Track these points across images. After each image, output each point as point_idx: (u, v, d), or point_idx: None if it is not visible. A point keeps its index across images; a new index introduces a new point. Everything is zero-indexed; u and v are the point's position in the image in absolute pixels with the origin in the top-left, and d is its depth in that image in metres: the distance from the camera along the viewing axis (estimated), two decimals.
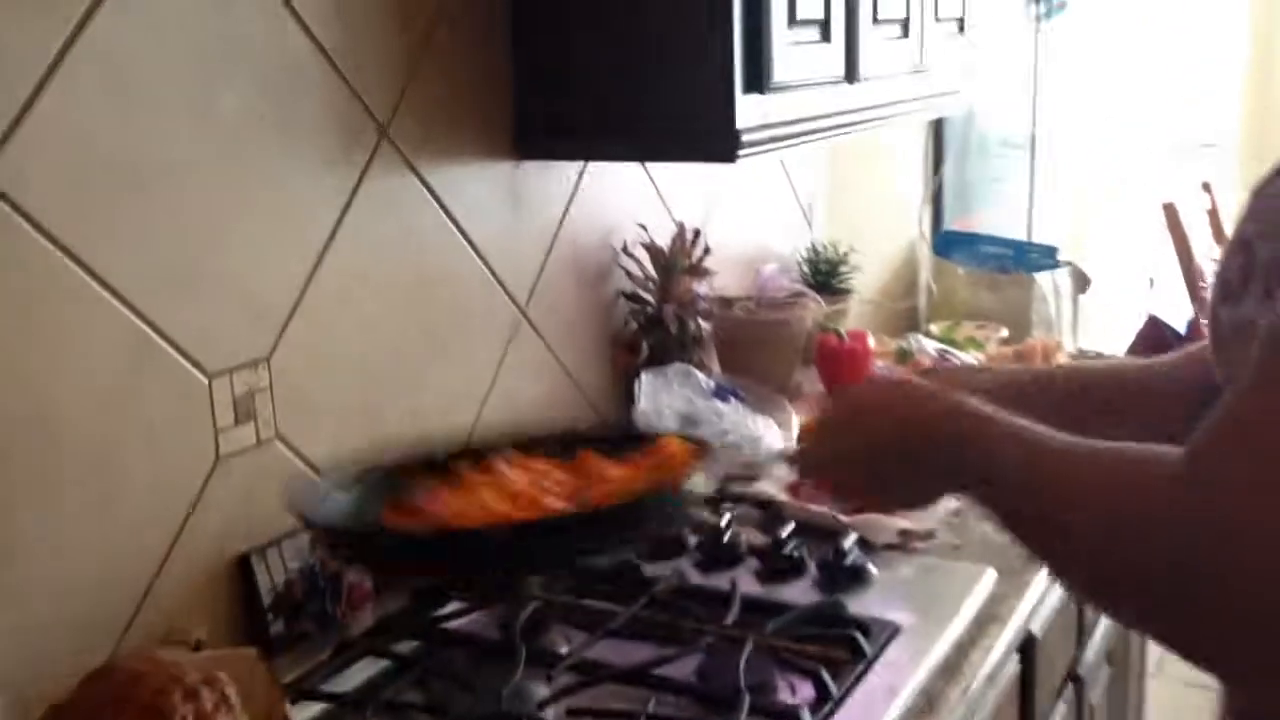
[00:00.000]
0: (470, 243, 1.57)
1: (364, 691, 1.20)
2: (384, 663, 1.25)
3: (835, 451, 1.06)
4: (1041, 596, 1.48)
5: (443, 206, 1.52)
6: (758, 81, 1.50)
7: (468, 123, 1.56)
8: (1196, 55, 4.36)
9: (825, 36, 1.63)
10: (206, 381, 1.23)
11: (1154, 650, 2.59)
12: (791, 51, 1.54)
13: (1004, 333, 2.52)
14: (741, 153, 1.48)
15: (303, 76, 1.31)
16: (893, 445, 0.99)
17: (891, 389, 1.05)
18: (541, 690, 1.17)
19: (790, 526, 1.52)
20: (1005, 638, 1.36)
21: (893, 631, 1.30)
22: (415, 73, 1.45)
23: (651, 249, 1.88)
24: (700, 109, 1.49)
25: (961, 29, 2.08)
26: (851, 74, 1.70)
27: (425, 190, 1.49)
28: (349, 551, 1.26)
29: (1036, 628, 1.52)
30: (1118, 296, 3.77)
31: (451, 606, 1.34)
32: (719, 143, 1.49)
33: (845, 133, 1.74)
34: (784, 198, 2.41)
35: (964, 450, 0.93)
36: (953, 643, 1.32)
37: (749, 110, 1.50)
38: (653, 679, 1.20)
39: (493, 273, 1.62)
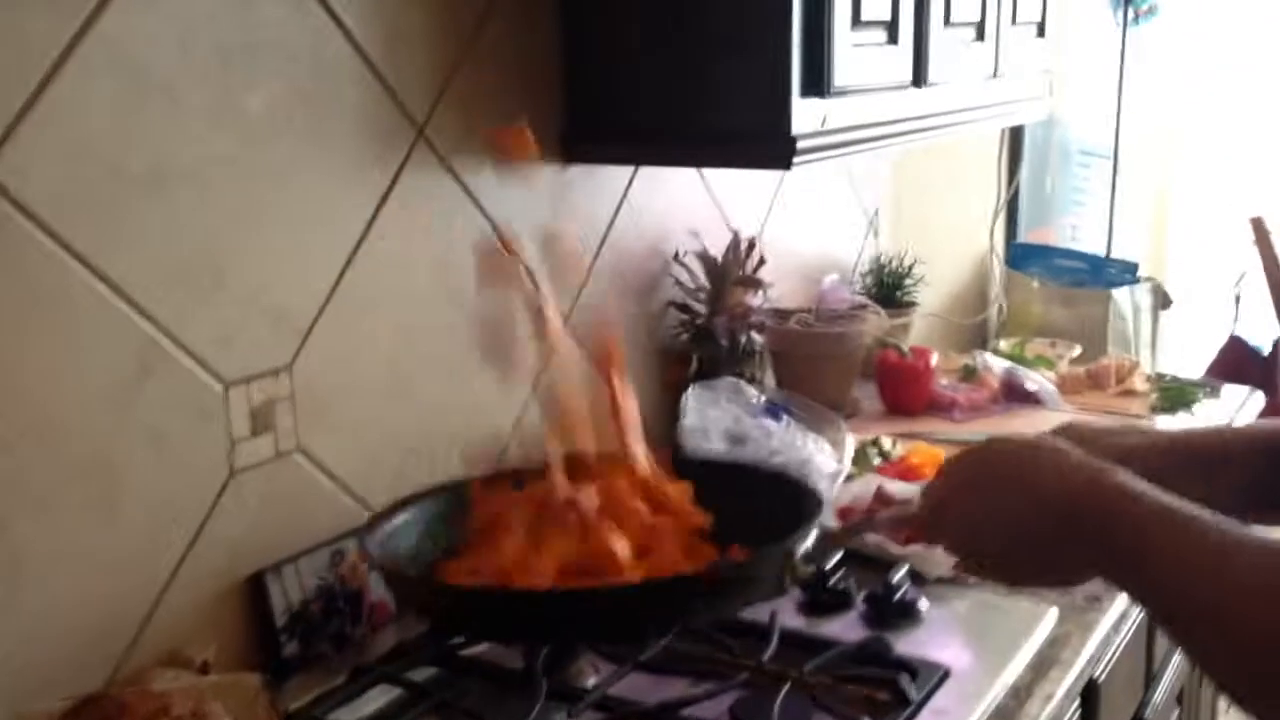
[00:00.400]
0: None
1: None
2: (399, 691, 1.19)
3: (959, 521, 0.93)
4: (1106, 638, 1.38)
5: (481, 210, 1.46)
6: (817, 85, 1.41)
7: (512, 124, 1.49)
8: None
9: (892, 38, 1.54)
10: (222, 390, 1.18)
11: None
12: (855, 53, 1.46)
13: (1076, 350, 2.41)
14: (797, 160, 1.40)
15: (334, 73, 1.25)
16: (1027, 521, 0.88)
17: (1027, 452, 0.91)
18: None
19: (837, 555, 1.44)
20: (1065, 683, 1.26)
21: (943, 675, 1.21)
22: (458, 69, 1.39)
23: (704, 258, 1.80)
24: (755, 112, 1.42)
25: (1041, 33, 1.98)
26: (920, 78, 1.61)
27: (463, 192, 1.43)
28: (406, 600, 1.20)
29: (1100, 672, 1.42)
30: (1199, 314, 3.63)
31: None
32: (773, 148, 1.41)
33: (911, 140, 1.65)
34: (848, 206, 2.32)
35: (1113, 531, 0.83)
36: (1008, 688, 1.23)
37: (806, 115, 1.42)
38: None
39: (534, 280, 1.55)
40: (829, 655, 1.21)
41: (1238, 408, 2.16)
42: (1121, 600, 1.42)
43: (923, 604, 1.35)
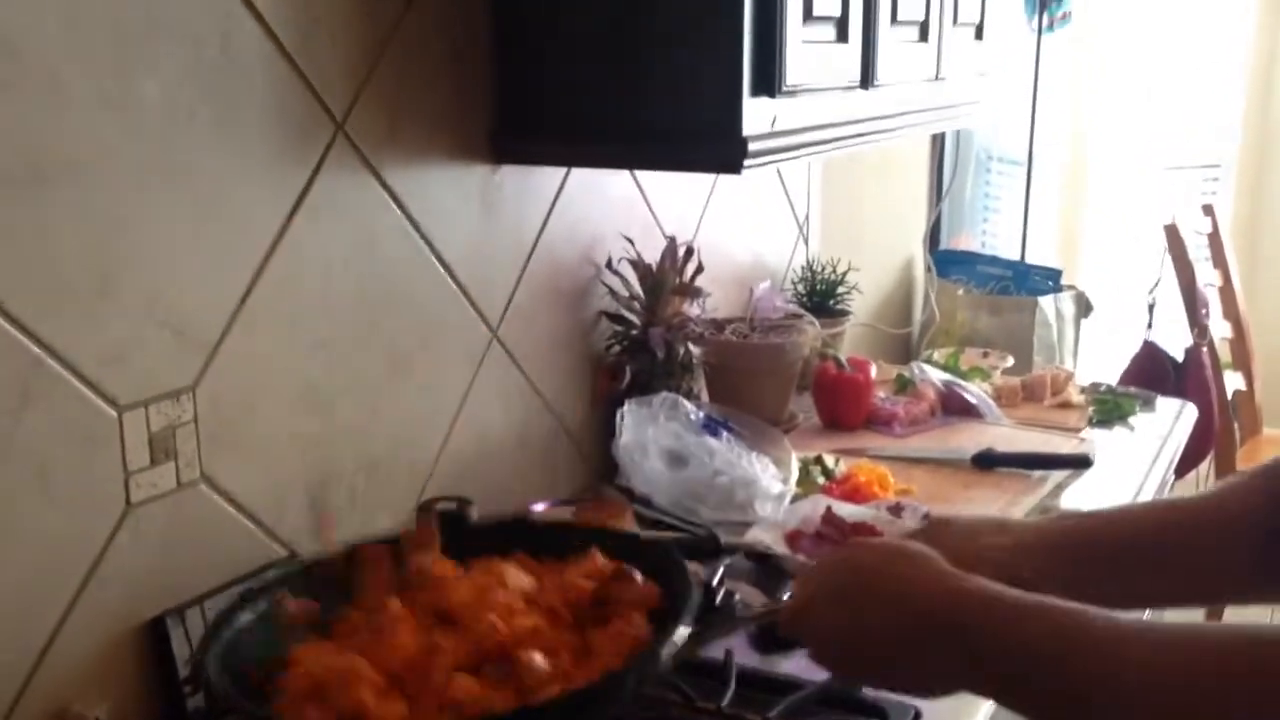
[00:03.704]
0: (437, 255, 1.39)
1: None
2: None
3: (822, 631, 0.91)
4: None
5: (406, 213, 1.34)
6: (768, 83, 1.32)
7: (439, 120, 1.37)
8: (1199, 75, 4.23)
9: (842, 36, 1.46)
10: (116, 415, 1.04)
11: None
12: (805, 51, 1.37)
13: (1010, 361, 2.36)
14: (748, 162, 1.31)
15: (243, 59, 1.12)
16: (885, 629, 0.86)
17: (889, 562, 0.89)
18: None
19: (791, 585, 1.34)
20: None
21: (913, 717, 1.13)
22: (380, 60, 1.27)
23: (639, 266, 1.70)
24: (703, 112, 1.32)
25: (979, 35, 1.92)
26: (867, 78, 1.53)
27: (386, 195, 1.31)
28: None
29: None
30: (1112, 321, 3.63)
31: None
32: (724, 150, 1.31)
33: (858, 143, 1.57)
34: (779, 211, 2.24)
35: (979, 643, 0.81)
36: None
37: (756, 115, 1.33)
38: None
39: (461, 289, 1.43)
40: (793, 699, 1.13)
41: (1173, 420, 2.13)
42: None
43: None
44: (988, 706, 1.17)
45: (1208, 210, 3.69)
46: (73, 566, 1.02)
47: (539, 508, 1.57)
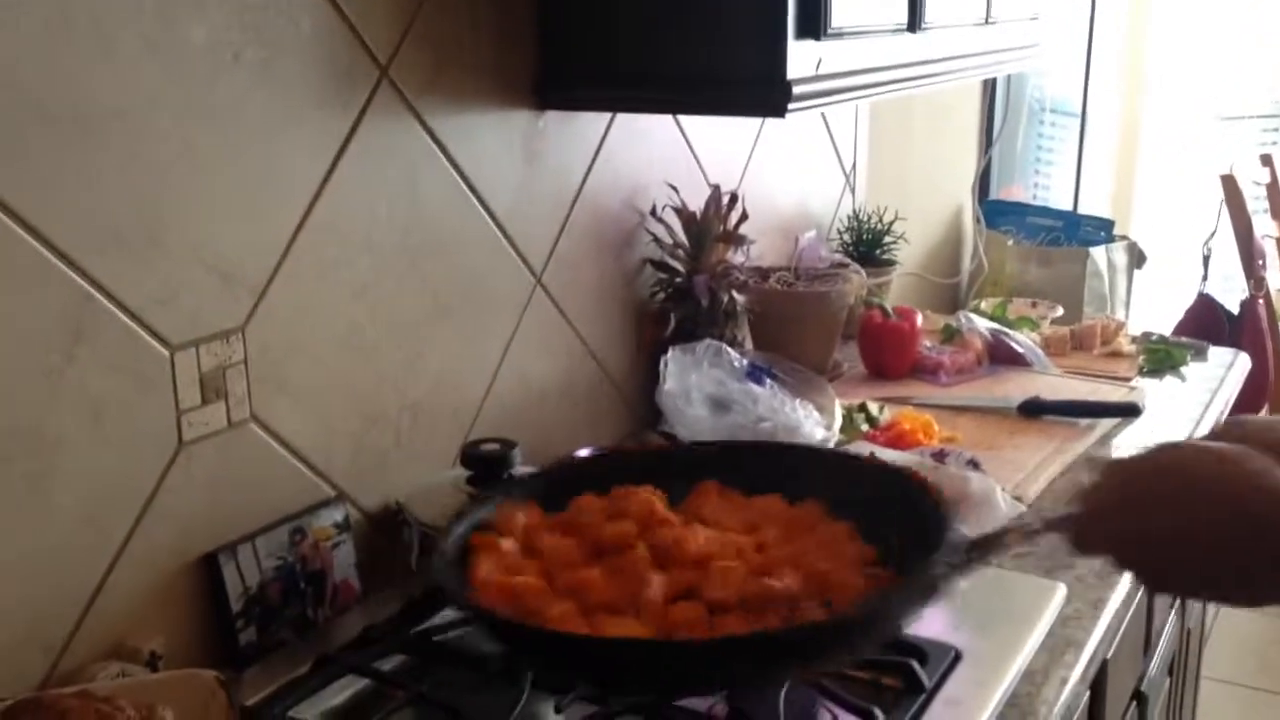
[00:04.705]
0: (480, 201, 1.40)
1: (340, 718, 1.04)
2: (367, 681, 1.09)
3: (1128, 533, 0.85)
4: (1117, 614, 1.31)
5: (450, 159, 1.35)
6: (814, 26, 1.31)
7: (483, 65, 1.38)
8: (1256, 24, 4.14)
9: None
10: (168, 354, 1.06)
11: (1206, 653, 2.43)
12: None
13: (1059, 311, 2.34)
14: (792, 106, 1.30)
15: (288, 4, 1.13)
16: (1205, 536, 0.80)
17: (1210, 461, 0.83)
18: None
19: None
20: (1080, 667, 1.19)
21: (954, 658, 1.14)
22: (423, 4, 1.27)
23: (683, 213, 1.70)
24: (746, 55, 1.31)
25: None
26: (915, 21, 1.52)
27: (431, 140, 1.32)
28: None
29: (1110, 651, 1.35)
30: (1166, 273, 3.58)
31: (448, 615, 1.17)
32: (767, 94, 1.30)
33: (905, 88, 1.56)
34: (825, 159, 2.22)
35: None
36: (1022, 673, 1.15)
37: (801, 58, 1.32)
38: (679, 712, 1.03)
39: (505, 235, 1.44)
40: None
41: (1225, 370, 2.10)
42: (1128, 576, 1.34)
43: None
44: (1030, 648, 1.17)
45: (1266, 160, 3.62)
46: (127, 502, 1.05)
47: (583, 454, 1.58)
